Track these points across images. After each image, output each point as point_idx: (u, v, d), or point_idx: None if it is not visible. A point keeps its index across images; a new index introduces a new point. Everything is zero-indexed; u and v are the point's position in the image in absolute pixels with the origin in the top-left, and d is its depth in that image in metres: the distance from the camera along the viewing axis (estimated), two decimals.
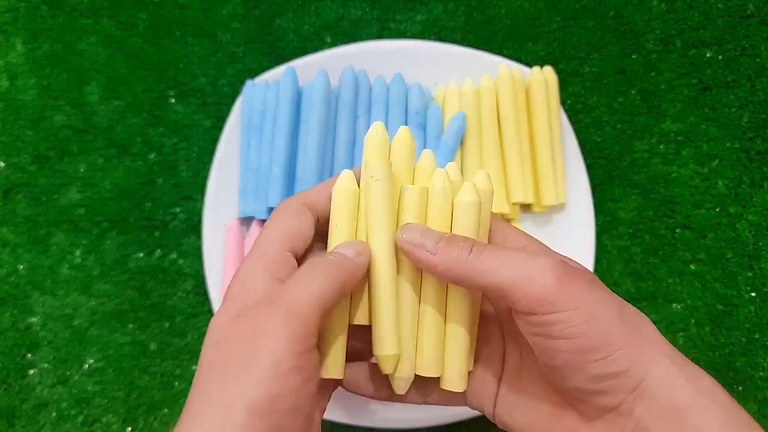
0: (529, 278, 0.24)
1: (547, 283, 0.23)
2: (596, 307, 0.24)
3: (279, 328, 0.22)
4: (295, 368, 0.22)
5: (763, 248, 0.48)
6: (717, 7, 0.51)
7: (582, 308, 0.23)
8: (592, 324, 0.23)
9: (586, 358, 0.23)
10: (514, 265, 0.24)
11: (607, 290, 0.25)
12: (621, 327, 0.24)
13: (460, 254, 0.25)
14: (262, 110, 0.44)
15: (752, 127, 0.50)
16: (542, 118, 0.44)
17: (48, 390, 0.45)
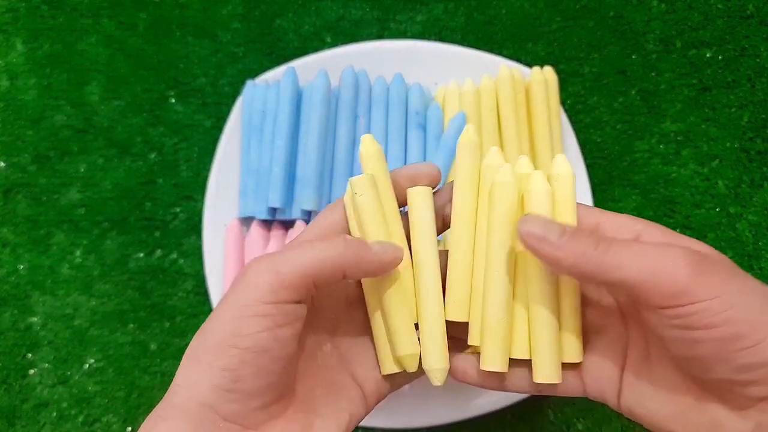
0: (663, 272, 0.23)
1: (681, 276, 0.22)
2: (737, 295, 0.22)
3: (257, 275, 0.24)
4: (260, 314, 0.23)
5: (762, 248, 0.48)
6: (717, 8, 0.51)
7: (722, 297, 0.22)
8: (734, 311, 0.22)
9: (730, 347, 0.22)
10: (644, 259, 0.23)
11: (748, 277, 0.24)
12: (766, 313, 0.22)
13: (586, 249, 0.24)
14: (263, 110, 0.44)
15: (752, 127, 0.50)
16: (542, 118, 0.44)
17: (48, 390, 0.45)
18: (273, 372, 0.23)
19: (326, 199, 0.43)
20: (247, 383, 0.23)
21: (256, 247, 0.43)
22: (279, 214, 0.43)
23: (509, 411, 0.45)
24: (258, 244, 0.43)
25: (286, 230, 0.44)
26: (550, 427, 0.45)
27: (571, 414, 0.44)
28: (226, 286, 0.43)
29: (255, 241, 0.43)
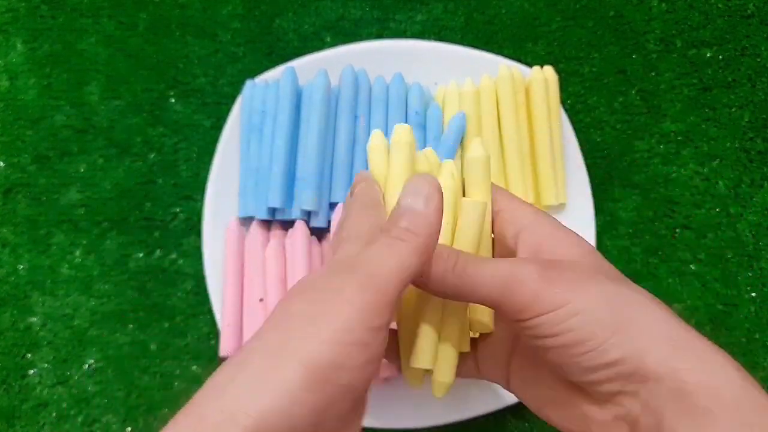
0: (512, 289, 0.24)
1: (528, 291, 0.24)
2: (582, 302, 0.24)
3: (355, 293, 0.20)
4: (362, 343, 0.20)
5: (763, 248, 0.48)
6: (717, 7, 0.51)
7: (566, 306, 0.23)
8: (577, 319, 0.23)
9: (574, 352, 0.23)
10: (497, 277, 0.24)
11: (598, 278, 0.25)
12: (611, 317, 0.23)
13: (445, 270, 0.24)
14: (262, 110, 0.44)
15: (752, 127, 0.50)
16: (542, 118, 0.44)
17: (48, 390, 0.45)
18: (346, 417, 0.21)
19: (326, 199, 0.43)
20: (327, 425, 0.20)
21: (256, 246, 0.43)
22: (279, 214, 0.43)
23: (509, 411, 0.45)
24: (258, 244, 0.43)
25: (285, 230, 0.44)
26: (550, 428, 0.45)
27: None
28: (226, 286, 0.43)
29: (255, 241, 0.43)
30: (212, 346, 0.46)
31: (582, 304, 0.23)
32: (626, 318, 0.24)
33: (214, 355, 0.45)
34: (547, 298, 0.24)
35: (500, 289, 0.24)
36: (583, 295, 0.24)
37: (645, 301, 0.25)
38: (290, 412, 0.19)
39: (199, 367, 0.45)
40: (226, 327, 0.42)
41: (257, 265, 0.42)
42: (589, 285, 0.24)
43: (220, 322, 0.43)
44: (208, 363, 0.45)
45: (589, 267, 0.25)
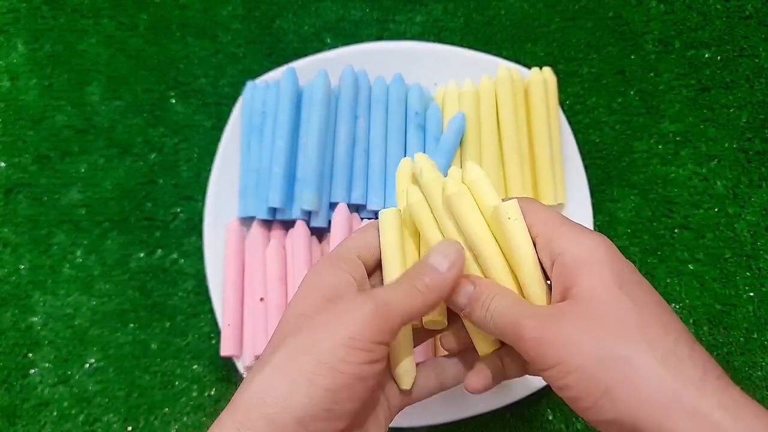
0: (517, 345, 0.26)
1: (529, 348, 0.25)
2: (576, 360, 0.24)
3: (365, 314, 0.25)
4: (365, 348, 0.25)
5: (761, 248, 0.48)
6: (716, 8, 0.52)
7: (560, 365, 0.24)
8: (573, 377, 0.24)
9: (577, 406, 0.25)
10: (508, 327, 0.27)
11: (596, 331, 0.24)
12: (604, 376, 0.23)
13: (484, 314, 0.28)
14: (263, 111, 0.44)
15: (751, 128, 0.50)
16: (541, 119, 0.44)
17: (49, 389, 0.45)
18: (362, 399, 0.25)
19: (326, 199, 0.43)
20: (342, 406, 0.24)
21: (256, 246, 0.43)
22: (279, 214, 0.43)
23: (508, 410, 0.45)
24: (258, 244, 0.43)
25: (286, 230, 0.44)
26: (549, 427, 0.46)
27: (570, 413, 0.45)
28: (227, 286, 0.43)
29: (255, 241, 0.43)
30: (213, 346, 0.46)
31: (576, 362, 0.24)
32: (617, 378, 0.23)
33: (214, 355, 0.46)
34: (545, 356, 0.25)
35: (510, 339, 0.27)
36: (576, 355, 0.24)
37: (637, 354, 0.24)
38: (308, 392, 0.24)
39: (199, 367, 0.46)
40: (227, 326, 0.42)
41: (258, 264, 0.42)
42: (585, 342, 0.24)
43: (220, 321, 0.43)
44: (208, 362, 0.46)
45: (579, 311, 0.25)
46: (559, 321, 0.25)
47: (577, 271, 0.26)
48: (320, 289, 0.28)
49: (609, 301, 0.25)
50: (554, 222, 0.28)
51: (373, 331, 0.25)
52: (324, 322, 0.25)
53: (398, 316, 0.26)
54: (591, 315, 0.25)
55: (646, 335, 0.24)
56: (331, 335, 0.25)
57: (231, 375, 0.45)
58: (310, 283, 0.28)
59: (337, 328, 0.25)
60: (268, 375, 0.24)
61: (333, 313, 0.26)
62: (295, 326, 0.26)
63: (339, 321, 0.25)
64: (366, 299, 0.26)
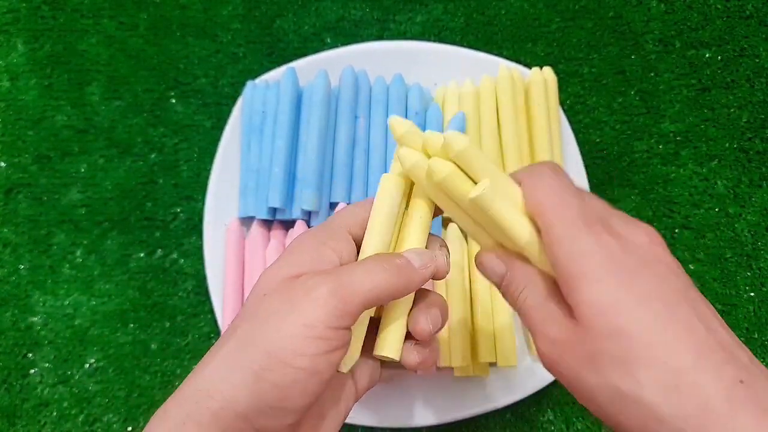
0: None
1: (545, 358, 0.24)
2: (588, 382, 0.22)
3: (321, 297, 0.23)
4: (323, 337, 0.23)
5: (761, 248, 0.48)
6: (716, 8, 0.52)
7: (576, 385, 0.22)
8: (590, 403, 0.22)
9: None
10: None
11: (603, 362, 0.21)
12: (612, 405, 0.21)
13: (513, 302, 0.26)
14: (263, 111, 0.44)
15: (751, 128, 0.50)
16: (541, 119, 0.44)
17: (49, 389, 0.45)
18: (316, 393, 0.23)
19: (326, 199, 0.43)
20: (292, 402, 0.23)
21: (256, 246, 0.43)
22: (279, 213, 0.43)
23: (509, 410, 0.45)
24: (258, 244, 0.43)
25: (286, 230, 0.44)
26: (549, 427, 0.46)
27: (570, 413, 0.45)
28: (227, 286, 0.43)
29: (255, 241, 0.43)
30: None
31: (588, 393, 0.22)
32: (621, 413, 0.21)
33: None
34: (559, 375, 0.23)
35: (531, 332, 0.25)
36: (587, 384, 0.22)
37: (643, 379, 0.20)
38: (255, 387, 0.22)
39: None
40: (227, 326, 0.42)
41: (258, 264, 0.42)
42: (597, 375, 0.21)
43: (220, 321, 0.43)
44: None
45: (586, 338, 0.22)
46: (577, 345, 0.22)
47: (576, 287, 0.22)
48: (294, 266, 0.25)
49: (604, 324, 0.22)
50: (556, 220, 0.24)
51: (329, 315, 0.23)
52: (278, 307, 0.23)
53: (359, 297, 0.23)
54: (581, 338, 0.22)
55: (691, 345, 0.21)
56: (284, 323, 0.23)
57: None
58: (287, 258, 0.26)
59: (290, 314, 0.23)
60: (216, 366, 0.23)
61: (287, 297, 0.23)
62: (253, 310, 0.24)
63: (293, 305, 0.23)
64: (324, 278, 0.23)
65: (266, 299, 0.24)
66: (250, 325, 0.24)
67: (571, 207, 0.25)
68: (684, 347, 0.20)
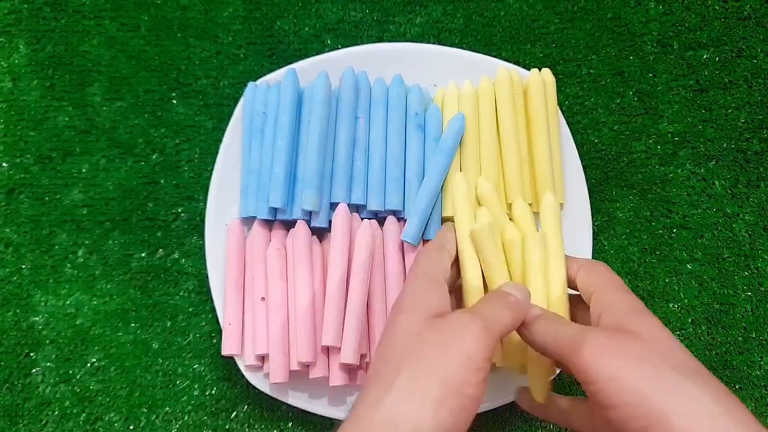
0: (571, 355, 0.28)
1: (586, 359, 0.27)
2: (634, 379, 0.26)
3: (476, 334, 0.27)
4: (481, 367, 0.26)
5: (759, 248, 0.48)
6: (714, 9, 0.52)
7: (618, 381, 0.26)
8: (627, 395, 0.26)
9: (628, 427, 0.26)
10: (565, 337, 0.29)
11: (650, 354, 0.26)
12: (658, 395, 0.25)
13: (545, 333, 0.30)
14: (264, 112, 0.44)
15: (749, 128, 0.50)
16: (541, 120, 0.45)
17: (50, 389, 0.45)
18: (473, 417, 0.26)
19: (327, 199, 0.43)
20: (462, 427, 0.26)
21: (257, 246, 0.43)
22: (280, 214, 0.43)
23: (508, 409, 0.45)
24: (259, 244, 0.43)
25: (287, 230, 0.44)
26: (548, 426, 0.46)
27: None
28: (228, 286, 0.43)
29: (256, 241, 0.43)
30: (214, 345, 0.46)
31: (633, 381, 0.25)
32: (675, 403, 0.25)
33: (216, 354, 0.46)
34: (602, 369, 0.26)
35: (568, 352, 0.28)
36: (635, 372, 0.25)
37: (695, 384, 0.25)
38: (435, 414, 0.25)
39: (201, 366, 0.46)
40: (228, 326, 0.42)
41: (259, 264, 0.43)
42: (644, 364, 0.26)
43: (221, 320, 0.43)
44: (210, 361, 0.46)
45: (655, 349, 0.27)
46: (620, 340, 0.27)
47: (635, 318, 0.29)
48: (425, 308, 0.29)
49: (668, 344, 0.27)
50: (613, 282, 0.32)
51: (484, 349, 0.27)
52: (438, 343, 0.27)
53: (500, 332, 0.28)
54: (650, 347, 0.27)
55: (701, 375, 0.26)
56: (449, 357, 0.26)
57: (232, 374, 0.46)
58: (414, 303, 0.30)
59: (452, 348, 0.26)
60: (397, 398, 0.25)
61: (446, 334, 0.27)
62: (406, 346, 0.27)
63: (453, 341, 0.27)
64: (471, 317, 0.28)
65: (423, 337, 0.27)
66: (416, 360, 0.27)
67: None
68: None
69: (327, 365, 0.41)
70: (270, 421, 0.45)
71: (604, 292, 0.31)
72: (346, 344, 0.40)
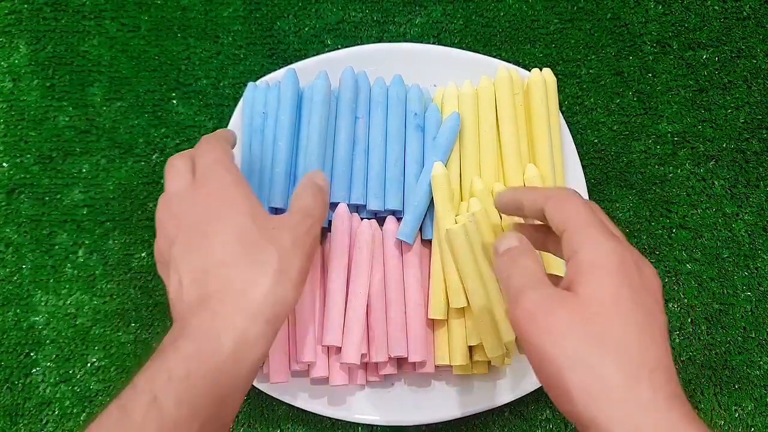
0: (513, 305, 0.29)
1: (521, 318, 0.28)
2: (553, 349, 0.26)
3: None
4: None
5: (759, 248, 0.48)
6: (713, 9, 0.52)
7: (539, 348, 0.26)
8: (544, 364, 0.26)
9: (544, 385, 0.27)
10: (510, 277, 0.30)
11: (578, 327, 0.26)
12: (570, 373, 0.25)
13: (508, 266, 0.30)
14: (264, 112, 0.44)
15: (748, 128, 0.50)
16: (542, 119, 0.45)
17: (51, 388, 0.45)
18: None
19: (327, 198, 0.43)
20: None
21: None
22: (280, 213, 0.43)
23: (507, 408, 0.45)
24: None
25: None
26: (547, 425, 0.46)
27: None
28: None
29: None
30: None
31: (552, 353, 0.26)
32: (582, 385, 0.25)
33: None
34: (529, 333, 0.27)
35: (510, 300, 0.29)
36: (555, 347, 0.26)
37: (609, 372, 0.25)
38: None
39: None
40: None
41: None
42: (567, 339, 0.26)
43: None
44: None
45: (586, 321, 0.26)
46: (555, 308, 0.26)
47: (586, 271, 0.27)
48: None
49: (604, 311, 0.26)
50: (583, 220, 0.29)
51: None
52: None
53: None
54: (583, 316, 0.26)
55: (626, 355, 0.25)
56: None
57: None
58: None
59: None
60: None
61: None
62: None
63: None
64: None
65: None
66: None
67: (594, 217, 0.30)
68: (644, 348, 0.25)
69: (327, 365, 0.41)
70: (270, 421, 0.45)
71: (573, 233, 0.28)
72: (347, 344, 0.40)
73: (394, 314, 0.42)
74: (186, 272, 0.30)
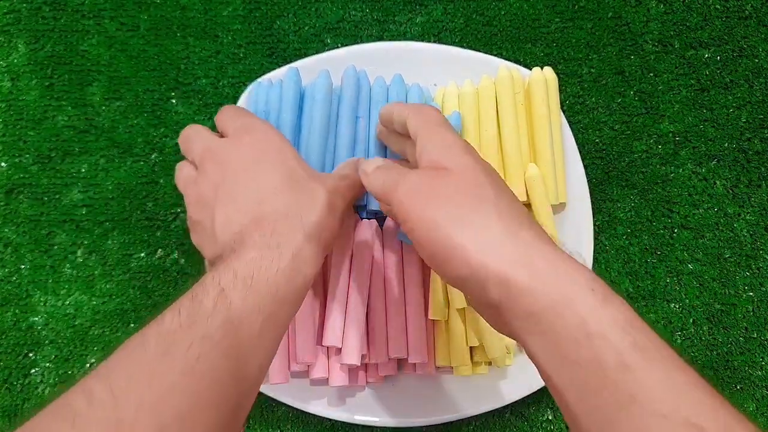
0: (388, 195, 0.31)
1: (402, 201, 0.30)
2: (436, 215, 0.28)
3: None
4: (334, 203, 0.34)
5: (761, 248, 0.48)
6: (715, 8, 0.52)
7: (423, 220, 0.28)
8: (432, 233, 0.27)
9: (434, 263, 0.28)
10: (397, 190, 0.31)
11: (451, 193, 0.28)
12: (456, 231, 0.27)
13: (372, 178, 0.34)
14: (265, 110, 0.44)
15: (750, 128, 0.50)
16: (543, 118, 0.44)
17: (50, 389, 0.45)
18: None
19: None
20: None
21: None
22: None
23: (508, 410, 0.45)
24: None
25: None
26: (548, 426, 0.46)
27: None
28: None
29: None
30: None
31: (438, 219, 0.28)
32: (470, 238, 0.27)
33: None
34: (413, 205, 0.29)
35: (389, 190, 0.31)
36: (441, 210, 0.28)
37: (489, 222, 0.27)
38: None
39: None
40: None
41: None
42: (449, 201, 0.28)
43: None
44: None
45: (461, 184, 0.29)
46: (433, 181, 0.29)
47: (446, 153, 0.30)
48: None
49: (473, 178, 0.29)
50: (434, 122, 0.32)
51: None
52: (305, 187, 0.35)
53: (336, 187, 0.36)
54: (458, 184, 0.28)
55: (505, 211, 0.28)
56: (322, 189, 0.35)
57: None
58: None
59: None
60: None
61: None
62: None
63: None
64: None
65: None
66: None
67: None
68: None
69: (327, 365, 0.41)
70: (270, 421, 0.45)
71: (425, 131, 0.32)
72: (347, 345, 0.40)
73: (394, 315, 0.41)
74: (239, 202, 0.32)
